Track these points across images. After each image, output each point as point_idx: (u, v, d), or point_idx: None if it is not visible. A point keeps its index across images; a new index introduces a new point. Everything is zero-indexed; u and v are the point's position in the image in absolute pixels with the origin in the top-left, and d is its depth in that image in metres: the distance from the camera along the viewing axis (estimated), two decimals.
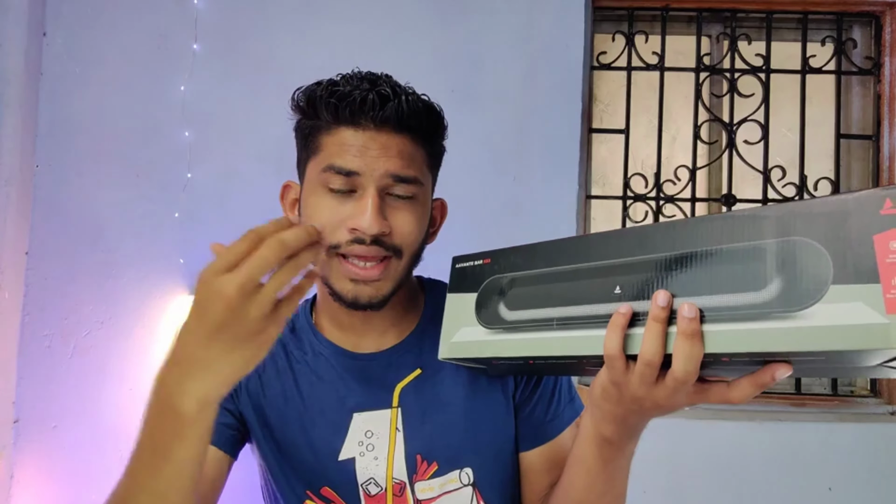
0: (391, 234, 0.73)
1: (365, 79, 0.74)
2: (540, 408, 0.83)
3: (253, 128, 1.84)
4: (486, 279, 0.68)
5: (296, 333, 0.85)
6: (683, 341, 0.50)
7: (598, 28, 2.03)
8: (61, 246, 1.79)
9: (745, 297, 0.49)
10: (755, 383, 0.52)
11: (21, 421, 1.76)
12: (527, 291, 0.64)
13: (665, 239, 0.55)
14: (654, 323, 0.52)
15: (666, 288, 0.53)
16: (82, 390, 1.77)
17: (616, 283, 0.57)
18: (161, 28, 1.85)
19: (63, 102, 1.82)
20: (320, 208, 0.73)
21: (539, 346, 0.61)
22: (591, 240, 0.61)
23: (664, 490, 1.77)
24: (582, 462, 0.68)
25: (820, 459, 1.81)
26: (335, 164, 0.72)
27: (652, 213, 1.97)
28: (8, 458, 1.73)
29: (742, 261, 0.50)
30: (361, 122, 0.72)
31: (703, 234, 0.53)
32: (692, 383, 0.52)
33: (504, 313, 0.65)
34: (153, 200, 1.81)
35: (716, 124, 2.01)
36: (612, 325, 0.54)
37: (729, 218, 0.52)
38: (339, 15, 1.86)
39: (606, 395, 0.59)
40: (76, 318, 1.79)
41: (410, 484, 0.79)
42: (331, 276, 0.74)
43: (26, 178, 1.78)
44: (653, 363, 0.52)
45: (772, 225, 0.49)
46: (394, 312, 0.82)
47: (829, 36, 2.00)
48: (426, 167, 0.78)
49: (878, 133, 1.99)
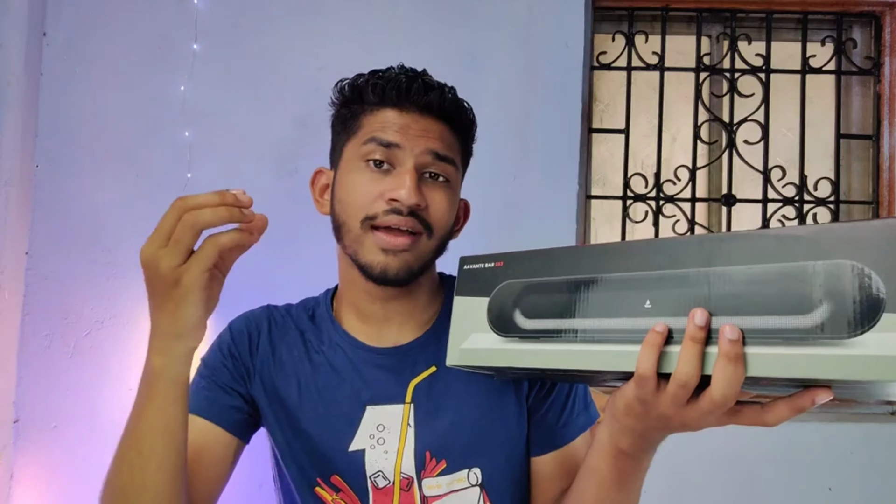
0: (426, 210, 0.75)
1: (410, 70, 0.79)
2: (553, 413, 0.83)
3: (253, 128, 1.84)
4: (499, 283, 0.64)
5: (315, 323, 0.87)
6: (725, 364, 0.47)
7: (598, 28, 2.03)
8: (61, 246, 1.79)
9: (790, 320, 0.47)
10: (793, 407, 0.49)
11: (21, 421, 1.75)
12: (545, 299, 0.60)
13: (698, 253, 0.52)
14: (691, 343, 0.49)
15: (702, 305, 0.50)
16: (82, 390, 1.77)
17: (646, 297, 0.53)
18: (161, 28, 1.85)
19: (63, 102, 1.82)
20: (359, 182, 0.76)
21: (560, 359, 0.58)
22: (614, 249, 0.58)
23: (664, 490, 1.77)
24: (595, 473, 0.66)
25: (820, 459, 1.81)
26: (377, 136, 0.75)
27: (652, 213, 1.97)
28: (8, 458, 1.73)
29: (785, 282, 0.47)
30: (405, 106, 0.76)
31: (740, 250, 0.50)
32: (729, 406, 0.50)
33: (520, 321, 0.62)
34: (153, 200, 1.81)
35: (716, 124, 2.01)
36: (647, 344, 0.51)
37: (769, 236, 0.49)
38: (339, 15, 1.86)
39: (630, 411, 0.56)
40: (76, 318, 1.79)
41: (418, 480, 0.79)
42: (361, 249, 0.76)
43: (26, 178, 1.78)
44: (688, 385, 0.50)
45: (815, 246, 0.47)
46: (414, 303, 0.83)
47: (829, 36, 2.00)
48: (460, 157, 0.81)
49: (878, 133, 1.99)
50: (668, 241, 0.55)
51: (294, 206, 1.82)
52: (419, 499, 0.79)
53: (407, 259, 0.75)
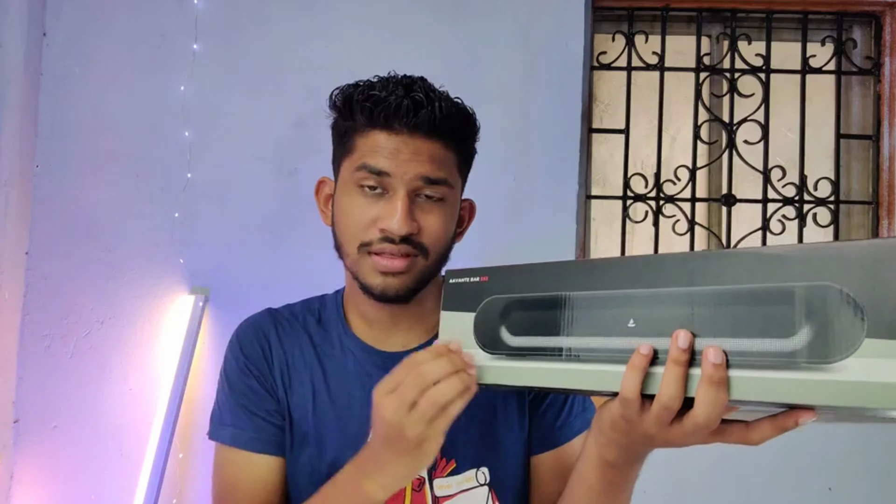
0: (420, 233, 0.75)
1: (400, 83, 0.77)
2: (550, 413, 0.84)
3: (253, 128, 1.84)
4: (485, 299, 0.64)
5: (323, 326, 0.87)
6: (708, 388, 0.47)
7: (598, 28, 2.03)
8: (61, 246, 1.79)
9: (772, 343, 0.46)
10: (777, 427, 0.49)
11: (21, 421, 1.76)
12: (530, 316, 0.60)
13: (682, 271, 0.51)
14: (674, 366, 0.49)
15: (684, 326, 0.49)
16: (82, 390, 1.77)
17: (630, 316, 0.53)
18: (161, 28, 1.85)
19: (63, 102, 1.82)
20: (352, 207, 0.77)
21: (547, 377, 0.58)
22: (599, 265, 0.57)
23: (664, 490, 1.77)
24: (584, 480, 0.67)
25: (820, 459, 1.81)
26: (367, 163, 0.75)
27: (652, 213, 1.97)
28: (8, 458, 1.73)
29: (768, 303, 0.47)
30: (395, 127, 0.74)
31: (724, 269, 0.49)
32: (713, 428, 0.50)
33: (506, 338, 0.61)
34: (153, 200, 1.81)
35: (716, 124, 2.01)
36: (631, 366, 0.51)
37: (753, 255, 0.48)
38: (339, 15, 1.86)
39: (616, 427, 0.57)
40: (76, 318, 1.79)
41: (430, 480, 0.80)
42: (360, 271, 0.77)
43: (26, 179, 1.78)
44: (671, 408, 0.50)
45: (800, 266, 0.46)
46: (420, 310, 0.83)
47: (829, 36, 2.00)
48: (456, 170, 0.80)
49: (878, 133, 1.99)
50: (651, 257, 0.55)
51: (294, 205, 1.83)
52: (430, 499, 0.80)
53: (405, 280, 0.76)
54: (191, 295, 1.78)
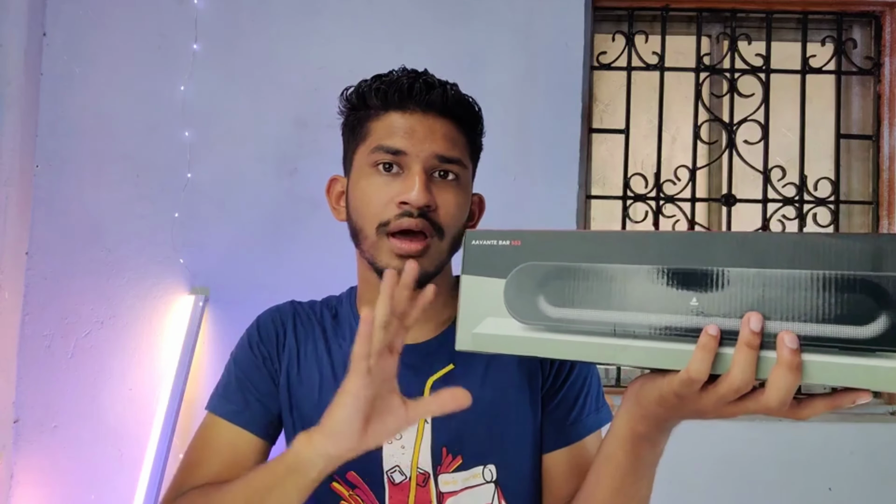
0: (437, 210, 0.77)
1: (411, 71, 0.81)
2: (562, 409, 0.83)
3: (253, 128, 1.84)
4: (518, 265, 0.59)
5: (337, 320, 0.88)
6: (785, 373, 0.47)
7: (598, 28, 2.03)
8: (61, 246, 1.79)
9: (848, 329, 0.47)
10: (832, 405, 0.50)
11: (21, 421, 1.76)
12: (575, 287, 0.56)
13: (745, 252, 0.50)
14: (746, 349, 0.48)
15: (752, 307, 0.49)
16: (82, 390, 1.77)
17: (693, 294, 0.51)
18: (161, 28, 1.85)
19: (63, 102, 1.82)
20: (370, 187, 0.78)
21: (597, 353, 0.55)
22: (651, 238, 0.55)
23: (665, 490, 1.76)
24: (611, 460, 0.66)
25: (820, 459, 1.81)
26: (383, 144, 0.77)
27: (652, 213, 1.97)
28: (8, 458, 1.73)
29: (844, 290, 0.47)
30: (409, 107, 0.78)
31: (791, 252, 0.49)
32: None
33: (546, 309, 0.57)
34: (153, 200, 1.81)
35: (716, 124, 2.01)
36: (701, 347, 0.50)
37: (821, 240, 0.48)
38: (339, 15, 1.86)
39: (664, 402, 0.55)
40: (76, 318, 1.79)
41: (434, 475, 0.80)
42: (378, 254, 0.78)
43: (26, 178, 1.78)
44: (741, 391, 0.49)
45: (875, 255, 0.46)
46: (431, 302, 0.83)
47: (829, 36, 2.00)
48: (468, 154, 0.83)
49: (878, 133, 1.99)
50: (710, 235, 0.54)
51: (294, 205, 1.83)
52: (435, 495, 0.80)
53: (422, 263, 0.77)
54: (191, 295, 1.79)
